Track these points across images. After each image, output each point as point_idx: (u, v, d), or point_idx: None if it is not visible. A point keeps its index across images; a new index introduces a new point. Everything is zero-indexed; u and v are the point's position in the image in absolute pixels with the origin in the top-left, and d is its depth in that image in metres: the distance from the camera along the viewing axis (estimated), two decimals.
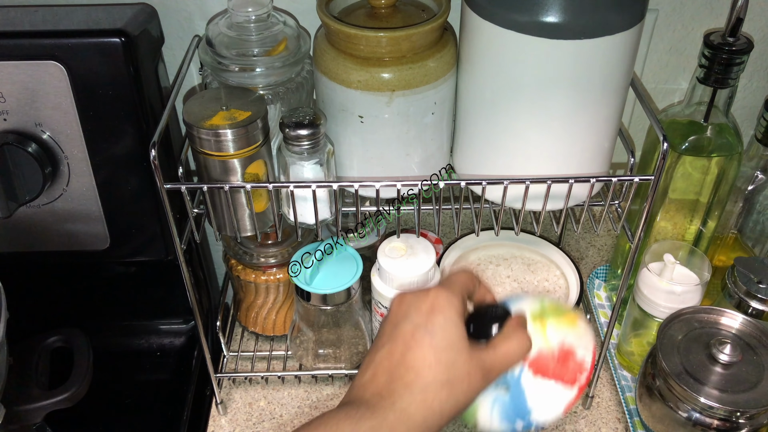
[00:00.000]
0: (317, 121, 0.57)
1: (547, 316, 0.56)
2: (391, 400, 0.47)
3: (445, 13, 0.58)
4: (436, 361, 0.48)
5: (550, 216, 0.69)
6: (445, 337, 0.49)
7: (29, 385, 0.63)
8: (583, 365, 0.55)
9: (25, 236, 0.71)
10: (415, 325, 0.49)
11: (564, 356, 0.55)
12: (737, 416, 0.60)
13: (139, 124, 0.65)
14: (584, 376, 0.55)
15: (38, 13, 0.65)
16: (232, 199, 0.59)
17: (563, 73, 0.52)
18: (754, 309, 0.68)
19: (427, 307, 0.50)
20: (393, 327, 0.50)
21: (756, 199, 0.73)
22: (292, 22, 0.64)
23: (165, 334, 0.83)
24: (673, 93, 0.80)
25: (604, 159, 0.60)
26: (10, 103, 0.62)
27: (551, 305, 0.57)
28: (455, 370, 0.49)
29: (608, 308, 0.86)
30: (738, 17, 0.62)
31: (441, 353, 0.48)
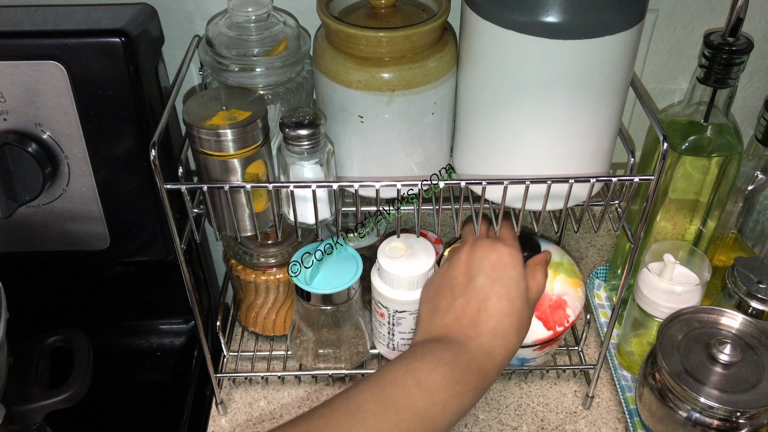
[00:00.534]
0: (317, 121, 0.57)
1: (561, 270, 0.69)
2: (479, 341, 0.54)
3: (445, 13, 0.58)
4: (511, 310, 0.56)
5: (550, 216, 0.69)
6: (518, 289, 0.57)
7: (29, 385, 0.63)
8: (566, 319, 0.67)
9: (25, 236, 0.71)
10: (493, 279, 0.57)
11: (556, 305, 0.67)
12: (737, 416, 0.60)
13: (139, 124, 0.65)
14: (562, 328, 0.67)
15: (38, 13, 0.65)
16: (232, 199, 0.59)
17: (563, 73, 0.52)
18: (754, 309, 0.68)
19: (500, 262, 0.58)
20: (469, 279, 0.58)
21: (756, 199, 0.73)
22: (292, 22, 0.64)
23: (165, 334, 0.83)
24: (673, 93, 0.80)
25: (604, 159, 0.60)
26: (10, 103, 0.62)
27: (568, 264, 0.71)
28: (523, 318, 0.58)
29: (608, 308, 0.86)
30: (738, 17, 0.62)
31: (515, 303, 0.57)
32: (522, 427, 0.74)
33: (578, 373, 0.79)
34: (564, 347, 0.80)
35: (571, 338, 0.82)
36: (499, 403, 0.77)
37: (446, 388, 0.51)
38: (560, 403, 0.77)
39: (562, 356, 0.81)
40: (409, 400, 0.49)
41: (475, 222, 0.63)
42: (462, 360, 0.53)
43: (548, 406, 0.76)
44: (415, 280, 0.68)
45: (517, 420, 0.75)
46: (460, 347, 0.54)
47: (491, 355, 0.55)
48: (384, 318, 0.71)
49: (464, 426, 0.74)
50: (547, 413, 0.76)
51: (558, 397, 0.77)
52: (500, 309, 0.56)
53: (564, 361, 0.80)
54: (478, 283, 0.57)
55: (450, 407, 0.51)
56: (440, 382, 0.51)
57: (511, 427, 0.74)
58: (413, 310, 0.71)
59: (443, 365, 0.52)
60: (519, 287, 0.58)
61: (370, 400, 0.49)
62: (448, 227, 0.90)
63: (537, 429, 0.74)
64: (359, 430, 0.47)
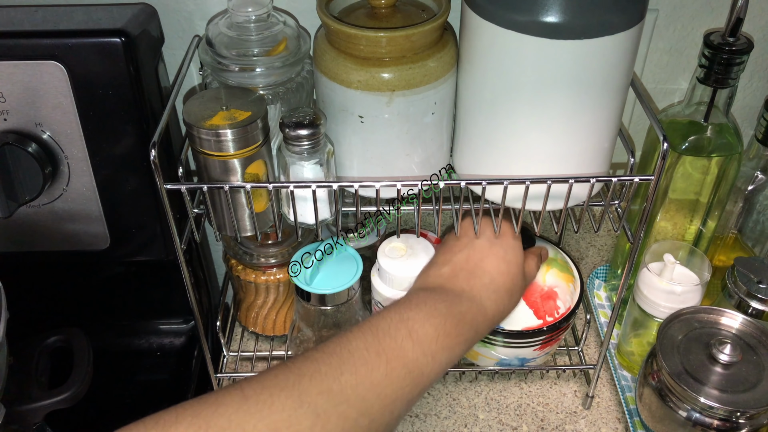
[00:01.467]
0: (317, 121, 0.57)
1: (554, 265, 0.72)
2: (472, 294, 0.57)
3: (445, 13, 0.58)
4: (506, 271, 0.59)
5: (550, 216, 0.69)
6: (515, 254, 0.61)
7: (29, 385, 0.63)
8: (556, 311, 0.69)
9: (25, 236, 0.71)
10: (492, 242, 0.61)
11: (547, 295, 0.70)
12: (737, 416, 0.60)
13: (139, 124, 0.65)
14: (552, 318, 0.69)
15: (38, 13, 0.65)
16: (232, 199, 0.59)
17: (563, 73, 0.52)
18: (754, 309, 0.68)
19: (501, 232, 0.61)
20: (470, 240, 0.61)
21: (756, 199, 0.73)
22: (292, 22, 0.64)
23: (165, 334, 0.83)
24: (673, 93, 0.80)
25: (604, 159, 0.60)
26: (10, 103, 0.62)
27: (561, 260, 0.73)
28: (516, 284, 0.60)
29: (608, 308, 0.86)
30: (738, 17, 0.62)
31: (510, 266, 0.60)
32: (522, 427, 0.74)
33: (578, 373, 0.79)
34: (564, 347, 0.80)
35: (571, 338, 0.82)
36: (499, 403, 0.77)
37: (437, 339, 0.52)
38: (560, 403, 0.77)
39: (562, 356, 0.81)
40: (400, 350, 0.50)
41: (475, 222, 0.63)
42: (455, 312, 0.54)
43: (548, 406, 0.76)
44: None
45: (517, 420, 0.75)
46: (455, 298, 0.55)
47: (483, 309, 0.57)
48: None
49: (464, 426, 0.74)
50: (547, 413, 0.76)
51: (558, 397, 0.77)
52: (496, 267, 0.59)
53: (564, 361, 0.80)
54: (478, 243, 0.60)
55: (439, 359, 0.51)
56: (432, 333, 0.51)
57: (511, 427, 0.74)
58: None
59: (436, 316, 0.53)
60: (516, 254, 0.61)
61: (362, 348, 0.49)
62: (448, 227, 0.90)
63: (537, 429, 0.74)
64: (350, 377, 0.47)
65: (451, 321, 0.53)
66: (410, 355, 0.50)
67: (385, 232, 0.79)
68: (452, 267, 0.59)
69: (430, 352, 0.51)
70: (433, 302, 0.54)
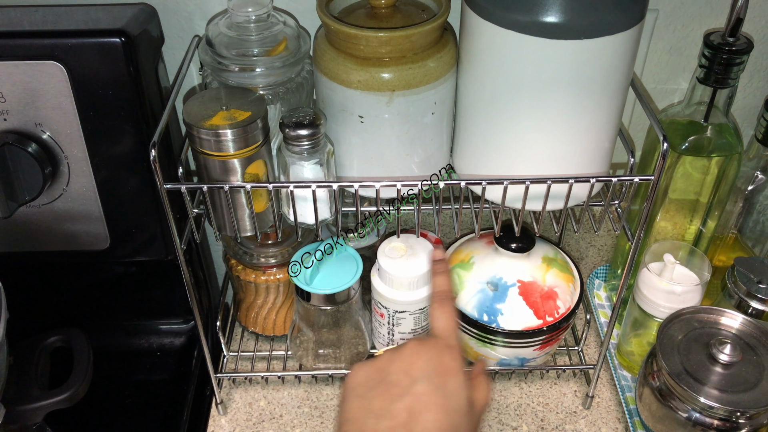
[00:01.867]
0: (317, 121, 0.57)
1: (554, 265, 0.72)
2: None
3: (445, 13, 0.58)
4: (447, 424, 0.50)
5: (550, 216, 0.69)
6: (458, 401, 0.51)
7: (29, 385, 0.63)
8: (556, 310, 0.69)
9: (25, 236, 0.71)
10: (434, 386, 0.50)
11: (547, 295, 0.69)
12: (737, 416, 0.60)
13: (139, 124, 0.65)
14: (552, 318, 0.69)
15: (38, 13, 0.65)
16: (232, 199, 0.59)
17: (563, 73, 0.52)
18: (754, 309, 0.68)
19: (443, 368, 0.52)
20: (411, 382, 0.51)
21: (756, 199, 0.73)
22: (292, 22, 0.64)
23: (165, 334, 0.83)
24: (673, 93, 0.80)
25: (604, 159, 0.60)
26: (10, 103, 0.62)
27: (561, 260, 0.73)
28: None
29: (608, 308, 0.86)
30: (738, 17, 0.62)
31: (453, 417, 0.50)
32: (522, 427, 0.74)
33: (578, 373, 0.79)
34: (564, 347, 0.81)
35: (571, 338, 0.82)
36: (499, 403, 0.77)
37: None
38: (560, 403, 0.77)
39: (562, 356, 0.81)
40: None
41: (475, 222, 0.63)
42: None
43: (548, 406, 0.76)
44: (415, 280, 0.68)
45: (517, 420, 0.75)
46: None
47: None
48: (384, 318, 0.71)
49: None
50: (547, 413, 0.76)
51: (558, 397, 0.77)
52: (437, 422, 0.50)
53: (564, 361, 0.80)
54: (419, 389, 0.51)
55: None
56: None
57: (511, 427, 0.74)
58: (413, 310, 0.71)
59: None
60: (459, 398, 0.52)
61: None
62: (448, 227, 0.90)
63: (537, 429, 0.74)
64: None
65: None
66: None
67: (385, 232, 0.79)
68: (390, 422, 0.50)
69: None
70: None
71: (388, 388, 0.51)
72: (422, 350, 0.52)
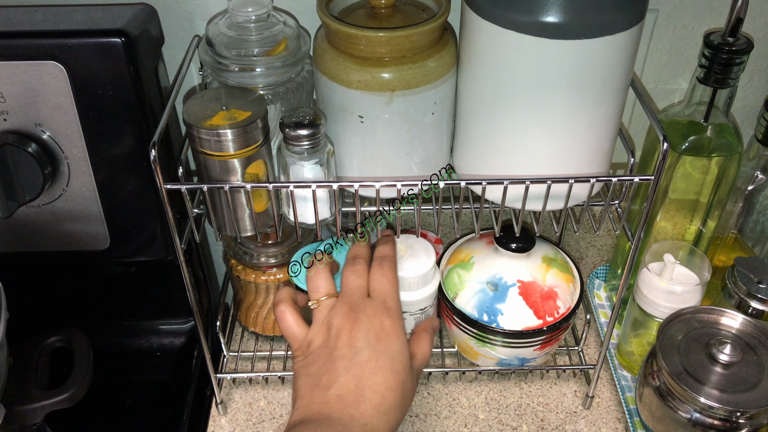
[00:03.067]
0: (317, 121, 0.57)
1: (554, 265, 0.72)
2: (362, 421, 0.51)
3: (445, 13, 0.58)
4: (396, 383, 0.53)
5: (550, 216, 0.69)
6: (402, 361, 0.54)
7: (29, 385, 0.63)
8: (556, 310, 0.69)
9: (25, 236, 0.71)
10: (377, 352, 0.54)
11: (547, 295, 0.69)
12: (737, 416, 0.60)
13: (139, 124, 0.65)
14: (552, 318, 0.69)
15: (38, 13, 0.65)
16: (232, 199, 0.59)
17: (563, 73, 0.52)
18: (754, 309, 0.68)
19: (384, 333, 0.55)
20: (354, 352, 0.53)
21: (756, 199, 0.73)
22: (292, 22, 0.64)
23: (165, 334, 0.83)
24: (673, 93, 0.80)
25: (604, 159, 0.60)
26: (10, 103, 0.62)
27: (561, 260, 0.73)
28: (407, 390, 0.55)
29: (608, 308, 0.86)
30: (738, 17, 0.62)
31: (399, 376, 0.54)
32: (522, 427, 0.74)
33: (578, 373, 0.79)
34: (564, 347, 0.81)
35: (571, 338, 0.82)
36: (499, 403, 0.77)
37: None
38: (560, 403, 0.77)
39: (562, 356, 0.81)
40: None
41: (476, 222, 0.63)
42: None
43: (548, 406, 0.76)
44: (415, 280, 0.68)
45: (517, 420, 0.75)
46: (343, 429, 0.50)
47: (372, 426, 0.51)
48: None
49: (464, 426, 0.74)
50: (547, 413, 0.76)
51: (558, 397, 0.77)
52: (385, 383, 0.53)
53: (564, 361, 0.80)
54: (363, 357, 0.53)
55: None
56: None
57: (511, 427, 0.74)
58: (414, 311, 0.71)
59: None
60: (403, 358, 0.55)
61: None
62: (448, 227, 0.90)
63: (537, 429, 0.74)
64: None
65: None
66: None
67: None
68: (338, 390, 0.52)
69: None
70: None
71: (334, 362, 0.54)
72: (360, 317, 0.55)
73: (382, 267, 0.58)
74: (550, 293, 0.70)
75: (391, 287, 0.58)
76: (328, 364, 0.54)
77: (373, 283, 0.58)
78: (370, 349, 0.54)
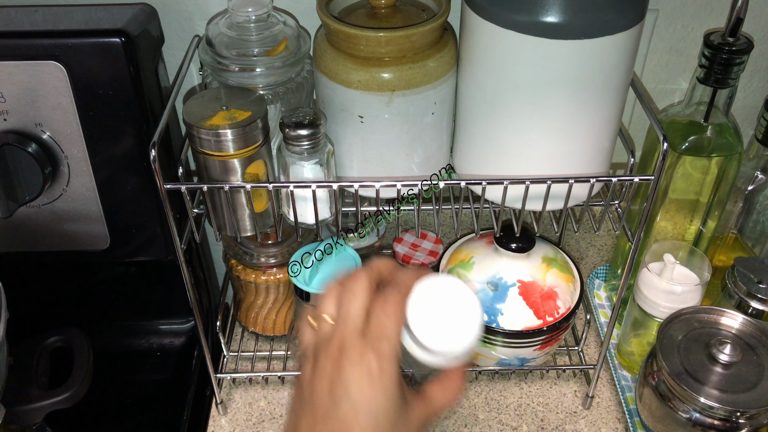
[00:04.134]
0: (317, 121, 0.57)
1: (554, 265, 0.71)
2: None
3: (445, 13, 0.58)
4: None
5: (550, 216, 0.69)
6: (387, 418, 0.45)
7: (29, 385, 0.63)
8: (556, 310, 0.69)
9: (25, 236, 0.71)
10: (357, 409, 0.45)
11: (547, 295, 0.69)
12: (737, 416, 0.60)
13: (139, 124, 0.65)
14: (552, 318, 0.68)
15: (38, 13, 0.65)
16: (232, 199, 0.59)
17: (563, 73, 0.52)
18: (754, 309, 0.68)
19: (368, 385, 0.46)
20: (333, 404, 0.46)
21: (756, 199, 0.73)
22: (292, 22, 0.64)
23: (165, 334, 0.83)
24: (673, 93, 0.80)
25: (604, 159, 0.60)
26: (10, 103, 0.62)
27: (561, 260, 0.73)
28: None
29: (608, 308, 0.86)
30: (738, 17, 0.62)
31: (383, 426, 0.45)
32: (522, 427, 0.74)
33: (578, 373, 0.79)
34: (564, 347, 0.80)
35: (571, 338, 0.82)
36: (499, 403, 0.77)
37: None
38: (560, 403, 0.77)
39: (562, 356, 0.81)
40: None
41: (476, 222, 0.63)
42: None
43: (548, 406, 0.76)
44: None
45: (517, 420, 0.75)
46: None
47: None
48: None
49: (464, 426, 0.74)
50: (547, 413, 0.76)
51: (558, 397, 0.77)
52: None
53: (564, 361, 0.80)
54: (341, 413, 0.46)
55: None
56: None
57: (511, 427, 0.74)
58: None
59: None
60: (388, 415, 0.46)
61: None
62: (448, 227, 0.90)
63: (537, 429, 0.74)
64: None
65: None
66: None
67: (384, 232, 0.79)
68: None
69: None
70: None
71: (313, 409, 0.47)
72: (343, 362, 0.47)
73: (386, 302, 0.48)
74: (550, 293, 0.70)
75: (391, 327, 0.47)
76: (307, 408, 0.47)
77: (371, 318, 0.48)
78: (349, 405, 0.45)
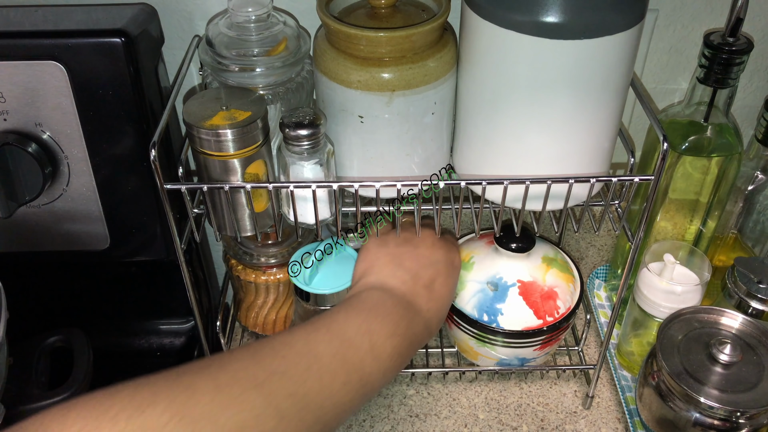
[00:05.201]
0: (317, 121, 0.57)
1: (554, 265, 0.72)
2: (428, 317, 0.60)
3: (445, 13, 0.58)
4: (454, 292, 0.67)
5: (550, 216, 0.69)
6: (457, 274, 0.67)
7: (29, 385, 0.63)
8: (556, 310, 0.69)
9: (25, 236, 0.71)
10: (450, 266, 0.64)
11: (547, 295, 0.70)
12: (737, 416, 0.60)
13: (139, 124, 0.65)
14: (552, 318, 0.69)
15: (38, 13, 0.65)
16: (232, 199, 0.59)
17: (563, 73, 0.52)
18: (754, 309, 0.68)
19: (456, 260, 0.67)
20: (435, 259, 0.63)
21: (756, 199, 0.73)
22: (292, 22, 0.64)
23: (165, 334, 0.83)
24: (673, 93, 0.80)
25: (604, 159, 0.60)
26: (10, 103, 0.62)
27: (561, 260, 0.73)
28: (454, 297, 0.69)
29: (608, 308, 0.86)
30: (738, 17, 0.62)
31: (455, 287, 0.66)
32: (522, 427, 0.74)
33: (578, 373, 0.79)
34: (564, 347, 0.80)
35: (571, 338, 0.82)
36: (499, 403, 0.77)
37: (392, 357, 0.54)
38: (560, 403, 0.77)
39: (562, 356, 0.81)
40: (360, 363, 0.52)
41: (476, 222, 0.63)
42: (410, 334, 0.57)
43: (548, 406, 0.76)
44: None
45: (517, 420, 0.75)
46: (414, 317, 0.58)
47: (430, 328, 0.60)
48: None
49: (464, 426, 0.74)
50: (547, 413, 0.76)
51: (558, 397, 0.77)
52: (450, 292, 0.63)
53: (564, 361, 0.80)
54: (443, 265, 0.63)
55: (388, 376, 0.55)
56: (389, 352, 0.54)
57: (511, 427, 0.74)
58: None
59: (397, 335, 0.55)
60: (458, 273, 0.67)
61: (327, 354, 0.50)
62: (448, 227, 0.90)
63: (537, 429, 0.74)
64: (314, 383, 0.48)
65: (406, 342, 0.56)
66: (368, 369, 0.52)
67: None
68: (416, 281, 0.61)
69: (383, 369, 0.54)
70: (397, 317, 0.56)
71: (417, 257, 0.63)
72: (443, 239, 0.66)
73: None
74: (550, 293, 0.70)
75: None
76: (411, 254, 0.62)
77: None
78: (446, 264, 0.63)
